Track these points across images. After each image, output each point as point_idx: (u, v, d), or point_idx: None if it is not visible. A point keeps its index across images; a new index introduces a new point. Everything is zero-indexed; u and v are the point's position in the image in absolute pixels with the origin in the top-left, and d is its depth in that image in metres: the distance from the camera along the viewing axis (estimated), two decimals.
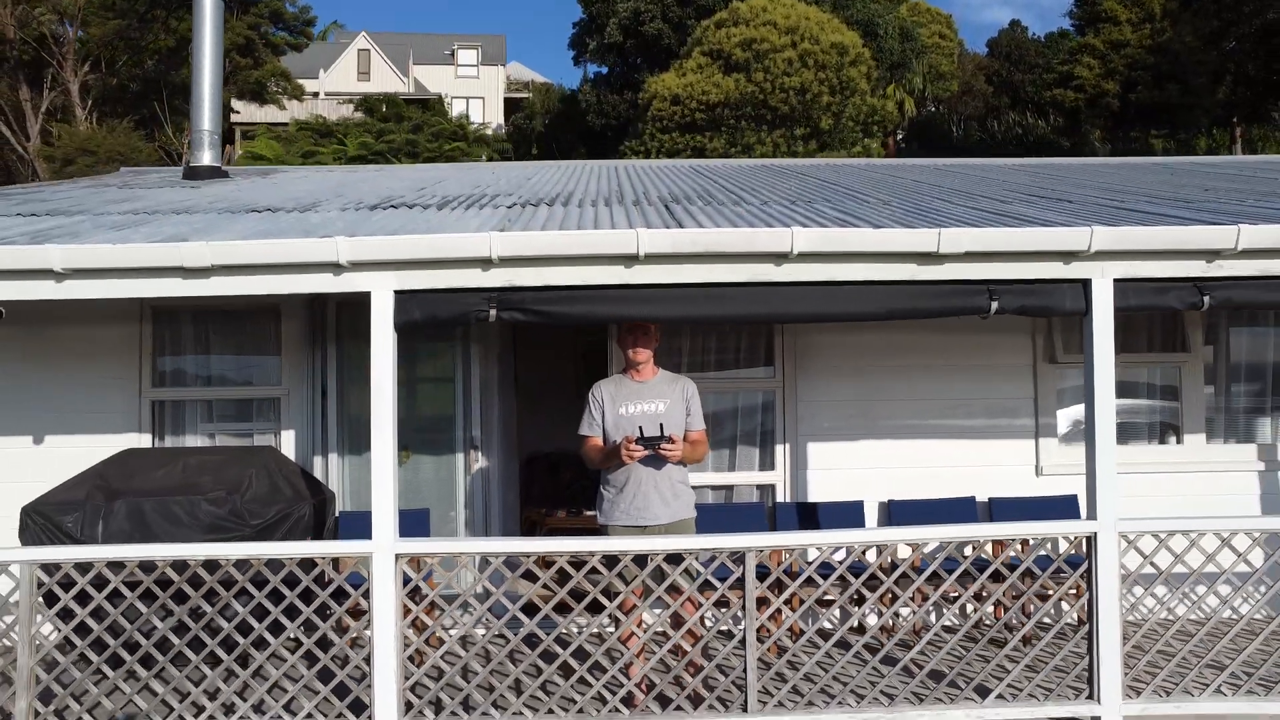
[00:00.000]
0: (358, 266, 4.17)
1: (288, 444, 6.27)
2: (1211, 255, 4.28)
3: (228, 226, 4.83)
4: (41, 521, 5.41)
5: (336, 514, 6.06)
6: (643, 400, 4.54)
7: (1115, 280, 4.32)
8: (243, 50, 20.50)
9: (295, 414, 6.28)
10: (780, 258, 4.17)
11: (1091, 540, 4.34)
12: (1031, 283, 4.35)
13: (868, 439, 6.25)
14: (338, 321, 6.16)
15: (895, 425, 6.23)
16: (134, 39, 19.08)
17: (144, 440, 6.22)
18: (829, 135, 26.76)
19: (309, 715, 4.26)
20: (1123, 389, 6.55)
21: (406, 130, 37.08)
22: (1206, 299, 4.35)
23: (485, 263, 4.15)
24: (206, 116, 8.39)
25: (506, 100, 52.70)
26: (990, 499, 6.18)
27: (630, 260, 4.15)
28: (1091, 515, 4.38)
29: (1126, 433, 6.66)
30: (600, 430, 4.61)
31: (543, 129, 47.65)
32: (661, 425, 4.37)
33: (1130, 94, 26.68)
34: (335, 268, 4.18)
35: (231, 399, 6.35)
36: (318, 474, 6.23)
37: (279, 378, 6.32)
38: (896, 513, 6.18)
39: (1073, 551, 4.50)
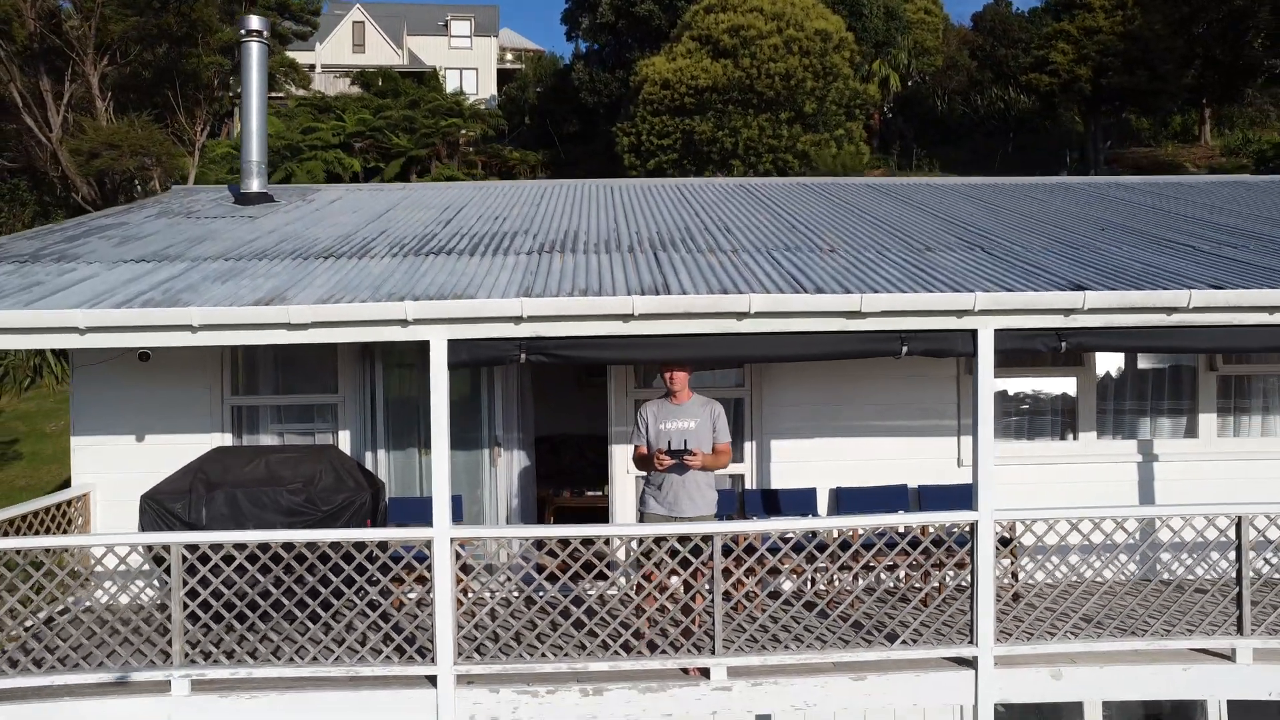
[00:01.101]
0: (420, 322, 5.51)
1: (344, 442, 7.63)
2: (1067, 312, 5.65)
3: (310, 279, 6.14)
4: (156, 507, 6.79)
5: (387, 500, 7.44)
6: (678, 419, 5.92)
7: (996, 330, 5.70)
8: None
9: (350, 417, 7.64)
10: (741, 315, 5.53)
11: (974, 526, 5.75)
12: (933, 332, 5.72)
13: (821, 437, 7.64)
14: (383, 343, 7.49)
15: (844, 425, 7.62)
16: (150, 32, 20.01)
17: (226, 438, 7.58)
18: (813, 118, 27.90)
19: (388, 657, 5.69)
20: (1033, 394, 8.00)
21: (403, 106, 37.94)
22: (1064, 344, 5.74)
23: (516, 320, 5.50)
24: (255, 149, 9.66)
25: (499, 71, 53.32)
26: (920, 486, 7.60)
27: (627, 318, 5.50)
28: (974, 507, 5.79)
29: (1035, 429, 8.11)
30: (645, 441, 5.98)
31: (535, 100, 48.41)
32: (686, 441, 5.74)
33: (1102, 79, 27.84)
34: (403, 323, 5.51)
35: (297, 404, 7.70)
36: (369, 466, 7.61)
37: (336, 387, 7.67)
38: (844, 498, 7.61)
39: (962, 532, 5.92)
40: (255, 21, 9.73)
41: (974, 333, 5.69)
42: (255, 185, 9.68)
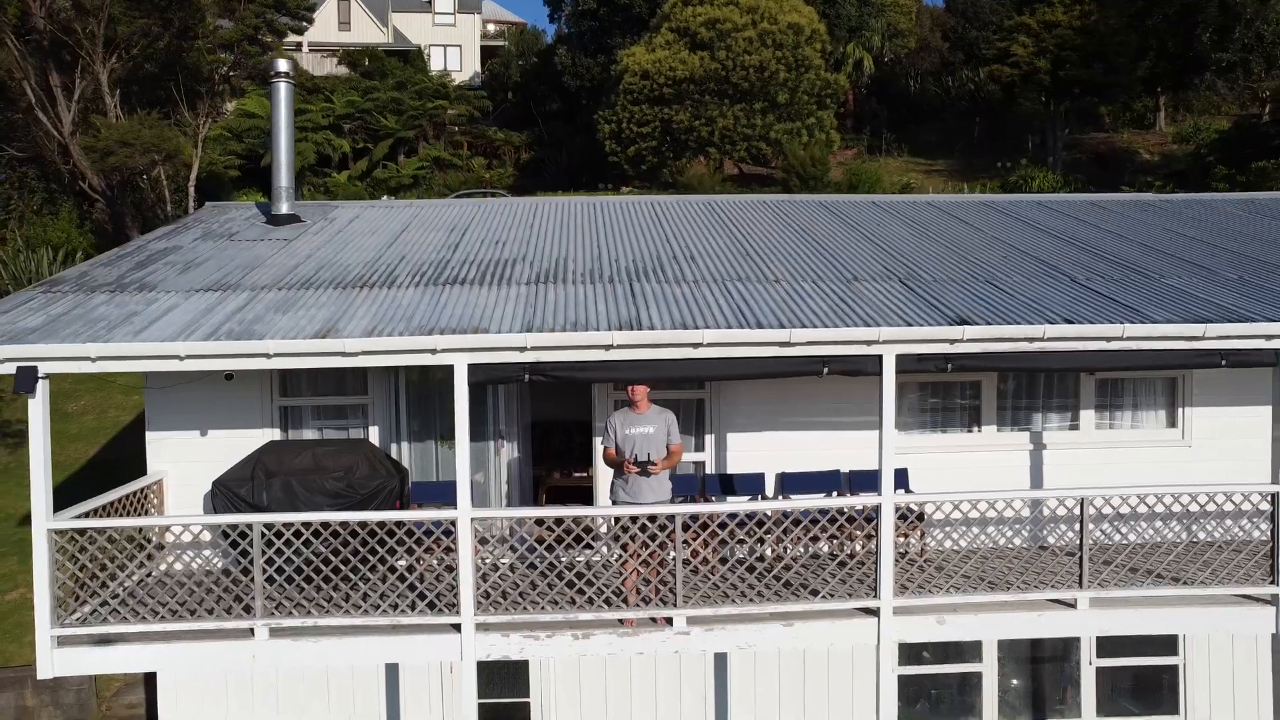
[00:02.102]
0: (446, 351, 7.04)
1: (373, 435, 9.18)
2: (952, 341, 7.26)
3: (353, 311, 7.63)
4: (226, 491, 8.35)
5: (410, 484, 9.00)
6: (640, 426, 7.49)
7: (897, 355, 7.30)
8: (252, 40, 22.57)
9: (378, 415, 9.19)
10: (697, 345, 7.10)
11: (879, 508, 7.40)
12: (849, 356, 7.32)
13: (768, 431, 9.27)
14: None
15: (787, 421, 9.24)
16: (157, 31, 21.08)
17: (275, 433, 9.11)
18: (785, 108, 29.28)
19: (422, 610, 7.29)
20: (944, 391, 9.61)
21: (390, 87, 38.88)
22: (949, 365, 7.36)
23: (521, 349, 7.05)
24: (284, 175, 11.09)
25: (483, 48, 54.06)
26: (850, 471, 9.24)
27: (608, 347, 7.06)
28: (878, 491, 7.42)
29: (948, 422, 9.76)
30: (614, 445, 7.54)
31: (519, 77, 49.33)
32: (649, 446, 7.31)
33: (1060, 71, 29.34)
34: (433, 352, 7.04)
35: (333, 404, 9.23)
36: (394, 455, 9.17)
37: (366, 390, 9.20)
38: (787, 481, 9.25)
39: (870, 511, 7.58)
40: (282, 65, 11.11)
41: (880, 357, 7.29)
42: (285, 208, 11.11)
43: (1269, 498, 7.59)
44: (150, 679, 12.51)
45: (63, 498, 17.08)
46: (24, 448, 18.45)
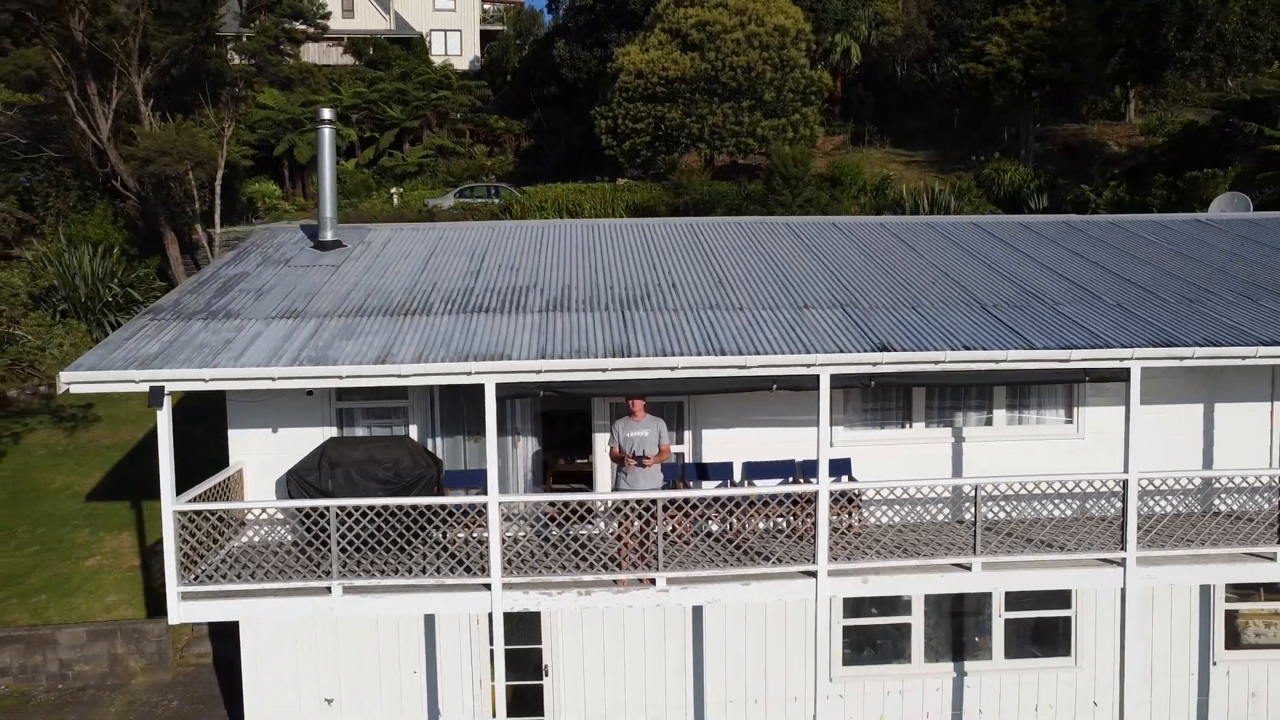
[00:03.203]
0: (479, 374, 9.06)
1: (412, 432, 11.21)
2: (874, 364, 9.28)
3: (402, 338, 9.62)
4: (298, 479, 10.40)
5: (444, 472, 11.04)
6: (637, 430, 9.54)
7: (831, 374, 9.33)
8: (273, 49, 24.26)
9: (416, 415, 11.21)
10: (673, 369, 9.13)
11: (818, 493, 9.46)
12: (793, 375, 9.35)
13: (736, 428, 11.30)
14: None
15: (752, 419, 11.27)
16: (184, 42, 22.78)
17: (332, 430, 11.13)
18: (772, 105, 31.04)
19: (459, 573, 9.38)
20: (881, 394, 11.63)
21: (395, 78, 40.53)
22: (873, 382, 9.41)
23: (537, 372, 9.07)
24: (328, 207, 13.04)
25: (482, 33, 55.42)
26: (802, 460, 11.30)
27: (604, 370, 9.09)
28: (816, 478, 9.48)
29: (885, 419, 11.79)
30: (617, 445, 9.60)
31: (517, 63, 50.81)
32: (644, 448, 9.37)
33: (1031, 70, 31.09)
34: (468, 374, 9.06)
35: (379, 407, 11.25)
36: (430, 448, 11.20)
37: (405, 394, 11.21)
38: (751, 469, 11.32)
39: (810, 496, 9.65)
40: (326, 113, 13.01)
41: (819, 375, 9.32)
42: (329, 234, 13.07)
43: (1121, 484, 9.67)
44: (215, 633, 14.67)
45: (121, 475, 19.39)
46: (81, 430, 20.57)
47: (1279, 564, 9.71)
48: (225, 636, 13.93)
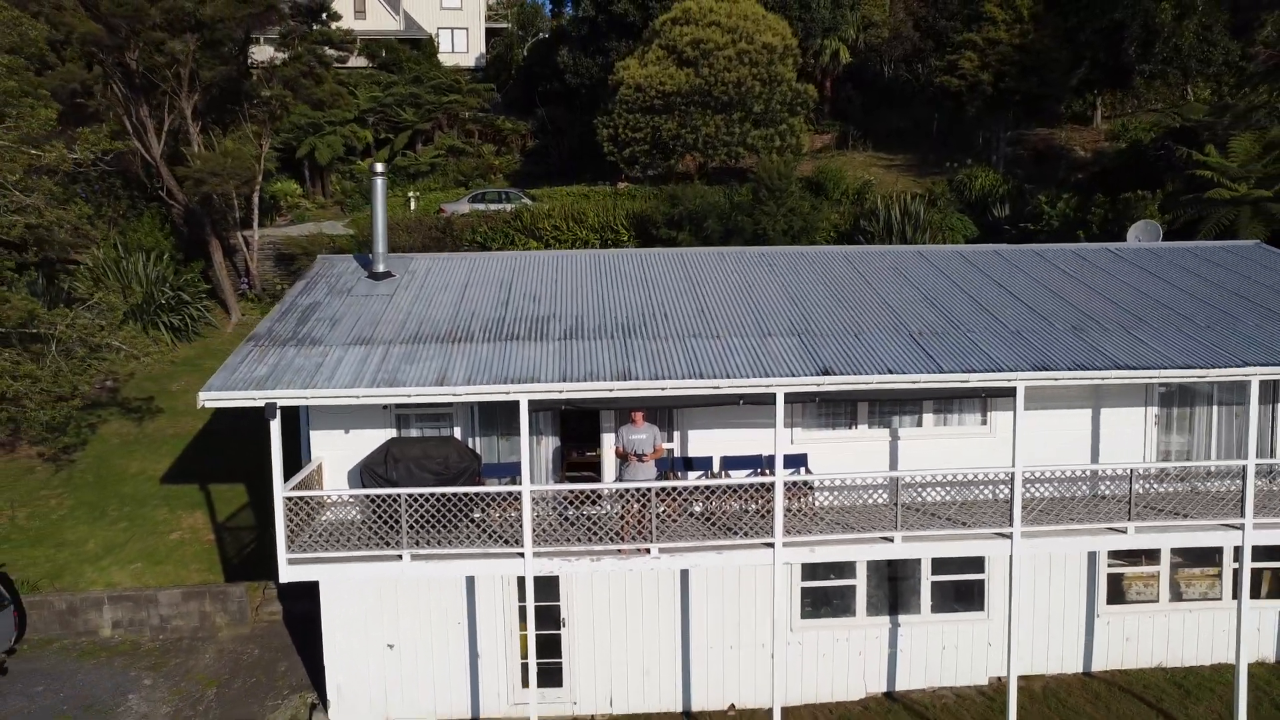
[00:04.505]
0: (516, 394, 11.86)
1: (456, 432, 14.01)
2: (819, 384, 12.07)
3: (452, 363, 12.40)
4: (369, 471, 13.23)
5: (481, 465, 13.85)
6: (637, 434, 12.36)
7: (785, 392, 12.12)
8: (306, 74, 26.81)
9: (459, 419, 14.01)
10: (663, 389, 11.94)
11: (775, 483, 12.28)
12: (756, 394, 12.16)
13: (715, 429, 14.11)
14: None
15: (727, 422, 14.06)
16: (231, 71, 25.35)
17: (392, 432, 13.92)
18: (760, 116, 33.59)
19: (499, 545, 12.22)
20: (832, 401, 14.42)
21: (407, 82, 42.91)
22: (818, 399, 12.21)
23: (560, 391, 11.88)
24: (381, 244, 15.79)
25: (487, 30, 57.67)
26: (768, 455, 14.10)
27: (611, 389, 11.90)
28: (774, 472, 12.29)
29: (836, 422, 14.58)
30: (621, 445, 12.42)
31: (521, 62, 53.10)
32: (642, 448, 12.20)
33: (1001, 83, 33.62)
34: (507, 394, 11.86)
35: (430, 412, 14.05)
36: (470, 445, 14.01)
37: (450, 402, 14.00)
38: (726, 461, 14.15)
39: (769, 484, 12.48)
40: (379, 167, 15.69)
41: (774, 394, 12.11)
42: (381, 267, 15.83)
43: (1009, 475, 12.51)
44: (284, 594, 17.53)
45: (187, 461, 22.61)
46: (148, 420, 23.42)
47: (1129, 535, 12.57)
48: (294, 598, 16.84)
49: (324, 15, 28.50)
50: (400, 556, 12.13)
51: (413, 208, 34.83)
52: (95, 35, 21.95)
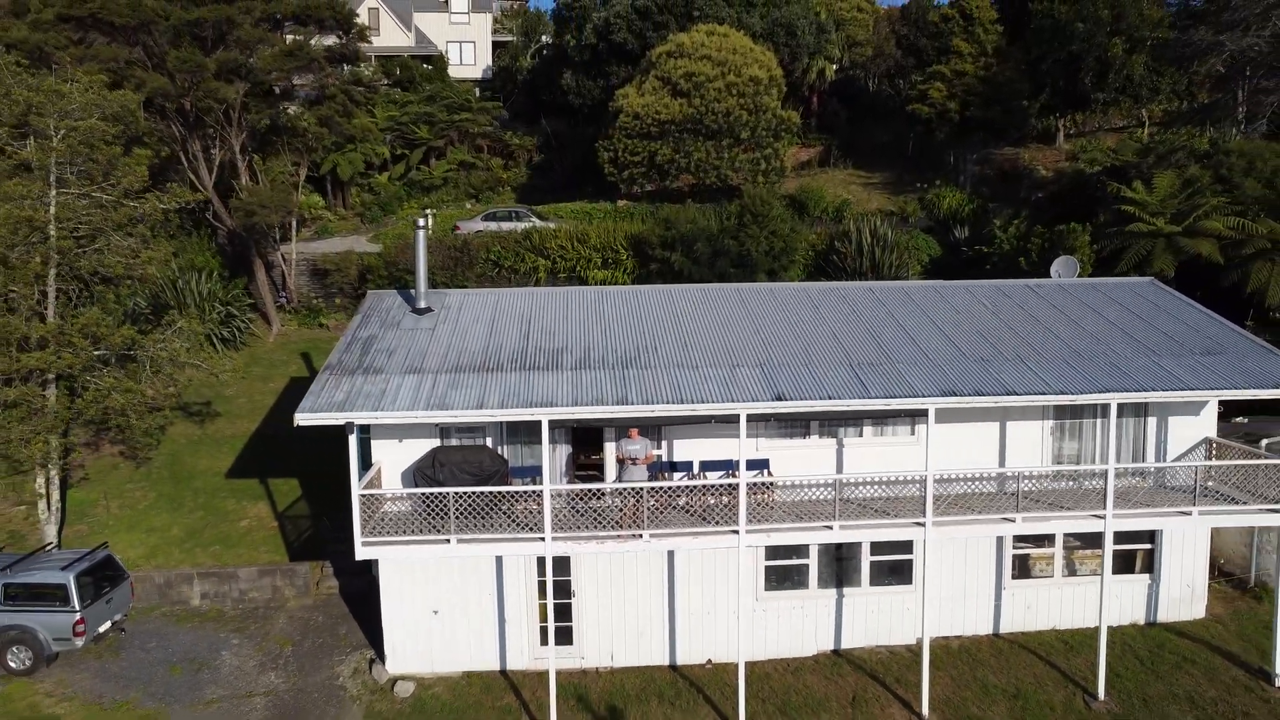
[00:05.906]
0: (539, 415, 15.32)
1: (488, 441, 17.46)
2: (774, 407, 15.53)
3: (487, 390, 15.86)
4: (419, 473, 16.73)
5: (509, 468, 17.30)
6: (633, 445, 15.90)
7: (748, 415, 15.58)
8: (342, 113, 30.08)
9: (490, 430, 17.48)
10: (653, 412, 15.41)
11: (740, 484, 15.74)
12: (725, 415, 15.64)
13: (695, 439, 17.58)
14: None
15: (706, 433, 17.53)
16: (277, 112, 28.70)
17: (436, 441, 17.37)
18: (748, 141, 36.93)
19: (525, 530, 15.71)
20: (790, 415, 17.89)
21: (421, 100, 46.15)
22: (772, 418, 15.70)
23: (573, 413, 15.35)
24: (422, 284, 19.23)
25: (493, 43, 60.79)
26: (738, 459, 17.56)
27: (612, 413, 15.37)
28: (733, 474, 15.75)
29: (793, 432, 18.06)
30: (620, 453, 15.93)
31: (527, 74, 56.28)
32: (636, 455, 15.71)
33: (966, 112, 36.95)
34: (532, 415, 15.33)
35: (467, 426, 17.50)
36: (500, 452, 17.48)
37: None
38: (704, 465, 17.63)
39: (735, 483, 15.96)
40: (421, 221, 19.09)
41: (739, 415, 15.57)
42: (422, 304, 19.27)
43: (921, 479, 16.00)
44: (339, 570, 21.02)
45: (247, 459, 26.60)
46: (209, 422, 26.92)
47: (1017, 524, 16.08)
48: (349, 574, 20.36)
49: (357, 60, 31.80)
50: (449, 540, 15.62)
51: (429, 225, 38.17)
52: (163, 89, 25.27)
